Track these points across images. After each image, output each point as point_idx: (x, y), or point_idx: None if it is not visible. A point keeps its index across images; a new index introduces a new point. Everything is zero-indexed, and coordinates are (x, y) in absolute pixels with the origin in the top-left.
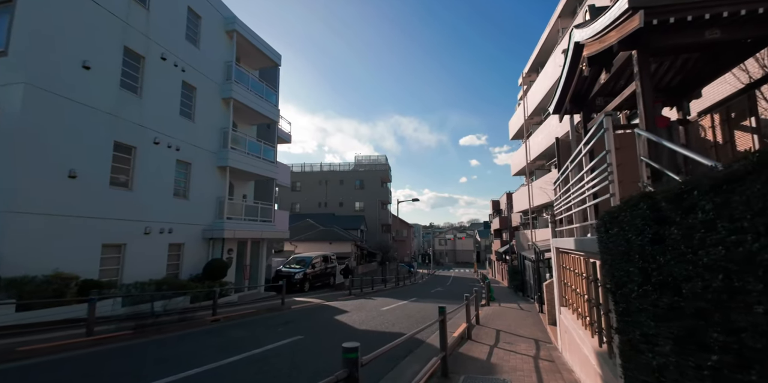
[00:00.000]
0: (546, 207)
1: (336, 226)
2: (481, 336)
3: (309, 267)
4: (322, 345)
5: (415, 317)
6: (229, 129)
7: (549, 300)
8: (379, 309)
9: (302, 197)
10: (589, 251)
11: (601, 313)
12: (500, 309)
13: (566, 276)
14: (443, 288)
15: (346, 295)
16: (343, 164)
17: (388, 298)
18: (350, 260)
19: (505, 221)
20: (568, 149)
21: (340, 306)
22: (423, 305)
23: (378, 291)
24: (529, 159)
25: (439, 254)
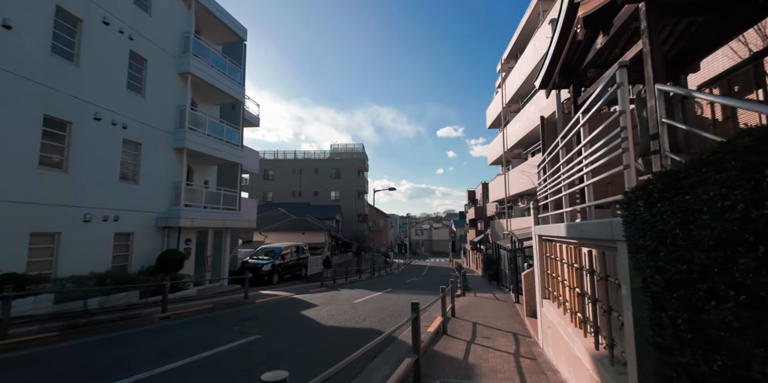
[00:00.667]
0: (522, 196)
1: (310, 216)
2: (458, 330)
3: (278, 258)
4: (282, 345)
5: (388, 310)
6: (186, 107)
7: (528, 291)
8: (351, 301)
9: (275, 186)
10: (590, 238)
11: (597, 310)
12: (476, 299)
13: (551, 266)
14: (419, 278)
15: (318, 287)
16: (319, 152)
17: (361, 289)
18: (324, 250)
19: (480, 211)
20: (553, 129)
21: (309, 300)
22: (397, 296)
23: (352, 282)
24: (506, 148)
25: (416, 244)
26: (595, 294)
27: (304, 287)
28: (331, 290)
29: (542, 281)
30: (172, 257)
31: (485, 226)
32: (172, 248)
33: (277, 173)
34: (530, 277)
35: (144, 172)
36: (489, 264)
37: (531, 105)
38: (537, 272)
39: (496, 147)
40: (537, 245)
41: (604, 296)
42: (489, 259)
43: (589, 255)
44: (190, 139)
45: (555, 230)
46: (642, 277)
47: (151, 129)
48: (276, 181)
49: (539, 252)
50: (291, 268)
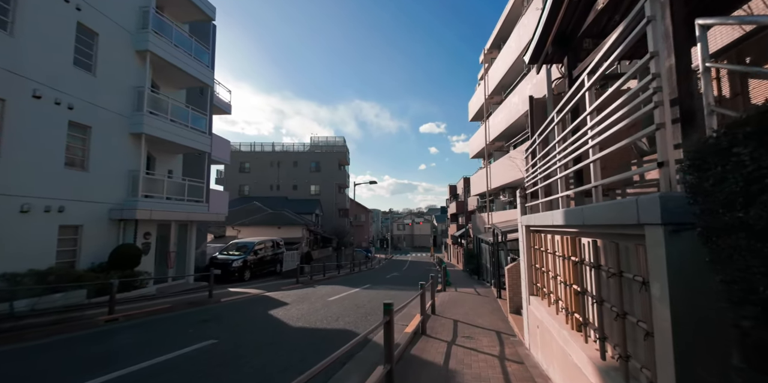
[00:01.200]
0: (504, 189)
1: (287, 210)
2: (437, 330)
3: (250, 254)
4: (239, 351)
5: (365, 308)
6: (145, 89)
7: (512, 287)
8: (325, 299)
9: (252, 179)
10: (596, 224)
11: (603, 313)
12: (457, 294)
13: (540, 260)
14: (399, 273)
15: (293, 284)
16: (298, 145)
17: (338, 286)
18: (301, 245)
19: (462, 206)
20: (543, 110)
21: (280, 297)
22: (376, 292)
23: (330, 278)
24: (488, 140)
25: (397, 239)
26: (600, 293)
27: (279, 284)
28: (306, 287)
29: (530, 276)
30: (127, 253)
31: (466, 220)
32: (128, 243)
33: (254, 165)
34: (514, 272)
35: (95, 158)
36: (470, 258)
37: (514, 95)
38: (523, 267)
39: (478, 140)
40: (524, 237)
41: (615, 296)
42: (470, 253)
43: (592, 246)
44: (149, 123)
45: (547, 219)
46: (722, 276)
47: (103, 111)
48: (253, 174)
49: (526, 245)
50: (265, 264)
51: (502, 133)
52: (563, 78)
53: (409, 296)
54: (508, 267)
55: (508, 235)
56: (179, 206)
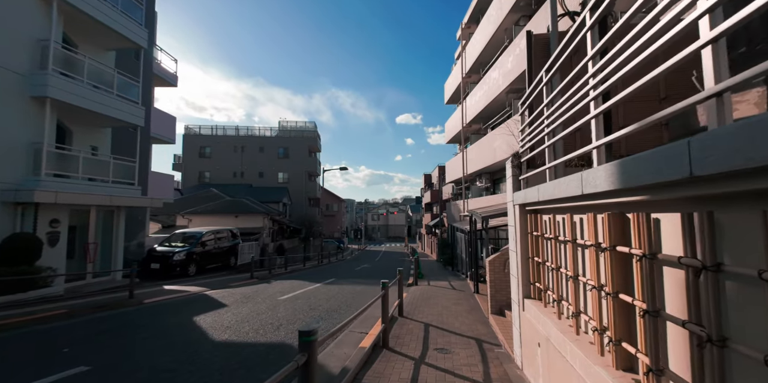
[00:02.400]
0: (481, 175)
1: (249, 198)
2: (404, 339)
3: (197, 245)
4: None
5: (319, 309)
6: (51, 42)
7: (494, 282)
8: (275, 298)
9: (213, 165)
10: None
11: (697, 348)
12: (429, 289)
13: (542, 251)
14: (371, 264)
15: (246, 279)
16: (264, 129)
17: (298, 281)
18: (262, 236)
19: (436, 194)
20: (544, 49)
21: (221, 297)
22: (339, 289)
23: (293, 272)
24: (464, 122)
25: (372, 230)
26: (695, 313)
27: (229, 279)
28: (261, 282)
29: (525, 272)
30: (23, 244)
31: (441, 209)
32: (25, 232)
33: (215, 150)
34: (497, 264)
35: None
36: (444, 249)
37: (494, 70)
38: (515, 260)
39: (454, 123)
40: (517, 221)
41: (709, 312)
42: (444, 243)
43: (644, 226)
44: (57, 86)
45: (568, 187)
46: None
47: None
48: (214, 159)
49: (520, 231)
50: (216, 256)
51: (479, 114)
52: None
53: (376, 292)
54: (490, 259)
55: (490, 221)
56: (101, 188)
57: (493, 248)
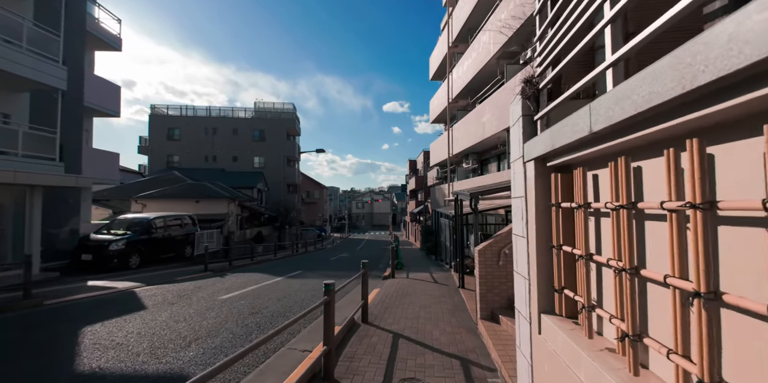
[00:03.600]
0: (467, 155)
1: (219, 183)
2: (360, 362)
3: (143, 233)
4: None
5: (264, 313)
6: None
7: (485, 278)
8: (216, 297)
9: (183, 148)
10: None
11: None
12: (407, 282)
13: (579, 234)
14: (350, 253)
15: (199, 272)
16: (238, 110)
17: (259, 274)
18: (227, 223)
19: (421, 181)
20: None
21: (149, 296)
22: (301, 283)
23: (259, 263)
24: (450, 97)
25: (356, 218)
26: None
27: (178, 272)
28: (214, 276)
29: (544, 272)
30: None
31: (425, 196)
32: None
33: (185, 132)
34: (489, 255)
35: None
36: (427, 236)
37: (484, 34)
38: (524, 251)
39: (440, 100)
40: (532, 186)
41: None
42: (427, 230)
43: None
44: None
45: (641, 98)
46: None
47: None
48: (184, 142)
49: (538, 202)
50: (168, 246)
51: (467, 86)
52: None
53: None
54: (480, 248)
55: (481, 202)
56: (5, 162)
57: (483, 235)
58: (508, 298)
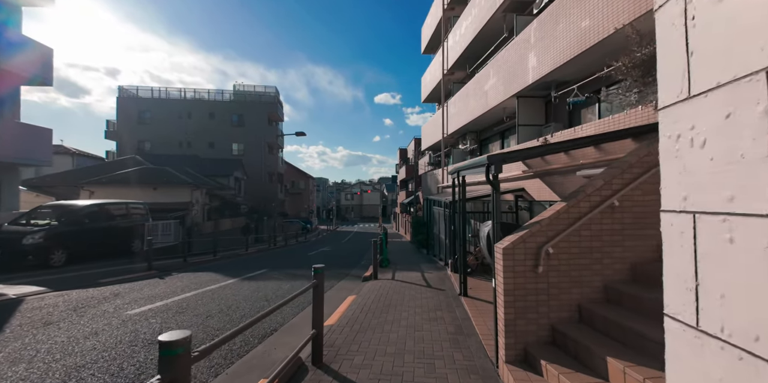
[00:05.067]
0: (465, 134)
1: (190, 170)
2: None
3: (72, 224)
4: None
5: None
6: None
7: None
8: (126, 311)
9: (154, 132)
10: None
11: None
12: (393, 286)
13: None
14: (333, 247)
15: (141, 271)
16: (216, 92)
17: (211, 274)
18: (190, 213)
19: (412, 170)
20: None
21: (30, 309)
22: (256, 287)
23: (222, 259)
24: (446, 67)
25: (345, 210)
26: None
27: (111, 271)
28: (153, 276)
29: None
30: None
31: (416, 186)
32: None
33: (156, 116)
34: (521, 257)
35: None
36: (418, 228)
37: None
38: None
39: (434, 73)
40: None
41: None
42: (418, 221)
43: None
44: None
45: None
46: None
47: None
48: (155, 126)
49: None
50: (107, 239)
51: (465, 52)
52: None
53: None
54: (508, 245)
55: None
56: None
57: (502, 226)
58: (552, 327)
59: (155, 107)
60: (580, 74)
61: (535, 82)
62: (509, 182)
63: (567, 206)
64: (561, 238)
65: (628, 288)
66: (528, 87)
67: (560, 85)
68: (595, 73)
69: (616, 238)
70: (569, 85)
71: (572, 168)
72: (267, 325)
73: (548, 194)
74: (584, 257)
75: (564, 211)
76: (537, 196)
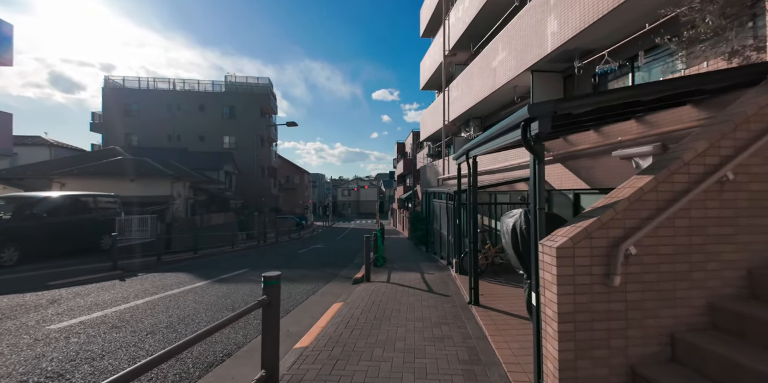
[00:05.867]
0: (469, 120)
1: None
2: None
3: (26, 218)
4: None
5: (66, 377)
6: None
7: (571, 321)
8: (51, 324)
9: (142, 125)
10: None
11: None
12: (387, 290)
13: None
14: (326, 244)
15: (105, 271)
16: (206, 83)
17: (183, 274)
18: (170, 207)
19: (410, 164)
20: None
21: None
22: (223, 292)
23: (203, 257)
24: (447, 48)
25: (342, 206)
26: None
27: (67, 272)
28: (116, 277)
29: None
30: None
31: (414, 181)
32: None
33: (144, 108)
34: (583, 259)
35: None
36: (417, 223)
37: None
38: None
39: (433, 56)
40: None
41: None
42: (417, 216)
43: None
44: None
45: None
46: None
47: None
48: (143, 119)
49: None
50: (72, 235)
51: (469, 30)
52: None
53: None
54: (563, 243)
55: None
56: None
57: (550, 216)
58: (632, 371)
59: (143, 99)
60: (610, 39)
61: (554, 50)
62: (520, 170)
63: (654, 180)
64: (647, 231)
65: (745, 306)
66: (546, 58)
67: (584, 54)
68: (633, 34)
69: (726, 231)
70: (595, 54)
71: (605, 148)
72: (221, 347)
73: (572, 182)
74: (680, 260)
75: (650, 189)
76: (558, 184)
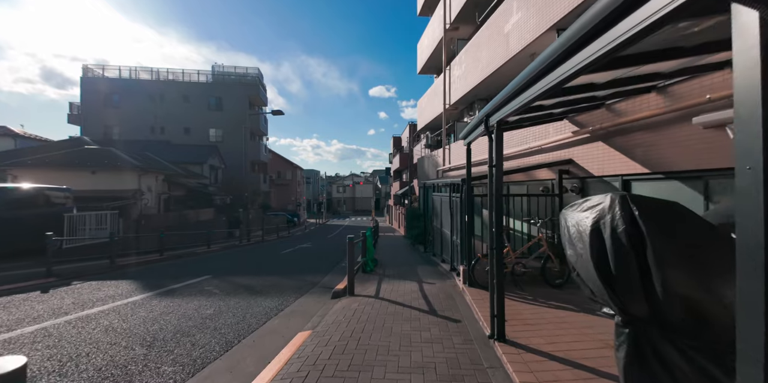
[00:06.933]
0: (473, 103)
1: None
2: None
3: None
4: None
5: None
6: None
7: None
8: None
9: (124, 117)
10: None
11: None
12: (375, 311)
13: None
14: (315, 243)
15: (36, 279)
16: (191, 72)
17: (128, 282)
18: (136, 203)
19: (406, 158)
20: None
21: None
22: (156, 312)
23: (171, 258)
24: (449, 21)
25: (337, 203)
26: None
27: None
28: (34, 289)
29: None
30: None
31: (411, 176)
32: None
33: (125, 98)
34: None
35: None
36: (413, 221)
37: None
38: None
39: (432, 33)
40: None
41: None
42: (414, 213)
43: None
44: None
45: None
46: None
47: None
48: (124, 110)
49: None
50: (5, 234)
51: None
52: None
53: (256, 317)
54: None
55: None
56: None
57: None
58: None
59: (124, 89)
60: None
61: None
62: (544, 154)
63: None
64: None
65: None
66: (578, 9)
67: None
68: None
69: None
70: None
71: (679, 114)
72: None
73: (619, 165)
74: None
75: None
76: (598, 169)
